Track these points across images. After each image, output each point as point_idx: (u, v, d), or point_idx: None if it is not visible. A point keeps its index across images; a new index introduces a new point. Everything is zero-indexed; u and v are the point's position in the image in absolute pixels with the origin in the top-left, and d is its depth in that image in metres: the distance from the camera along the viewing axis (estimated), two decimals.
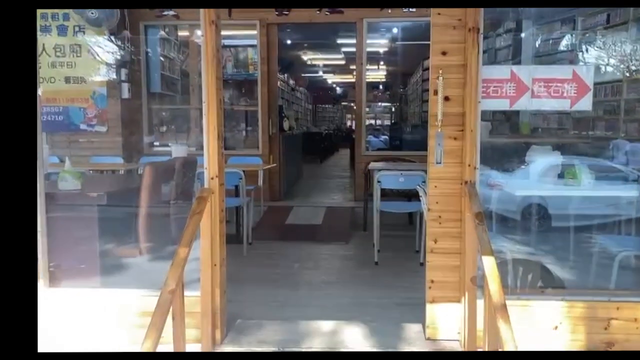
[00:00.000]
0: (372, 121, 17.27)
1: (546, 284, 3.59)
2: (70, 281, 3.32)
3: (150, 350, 2.21)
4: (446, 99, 2.99)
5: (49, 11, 5.40)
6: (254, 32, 7.07)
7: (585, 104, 3.07)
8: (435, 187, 3.07)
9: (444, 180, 3.06)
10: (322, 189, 9.41)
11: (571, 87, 3.04)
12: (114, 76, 5.95)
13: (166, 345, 2.58)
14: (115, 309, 3.14)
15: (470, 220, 2.88)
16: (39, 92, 3.10)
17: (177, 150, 4.72)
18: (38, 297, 2.08)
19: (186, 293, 2.82)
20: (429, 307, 3.14)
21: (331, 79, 19.63)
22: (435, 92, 2.99)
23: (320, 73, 17.34)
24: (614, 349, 3.01)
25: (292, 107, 15.30)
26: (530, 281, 3.54)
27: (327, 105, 24.90)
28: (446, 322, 3.13)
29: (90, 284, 3.36)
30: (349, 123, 25.08)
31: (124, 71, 5.87)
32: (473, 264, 2.95)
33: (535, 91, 3.03)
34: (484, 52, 2.99)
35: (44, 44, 5.32)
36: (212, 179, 3.01)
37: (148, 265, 3.68)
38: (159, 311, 2.34)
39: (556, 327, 3.01)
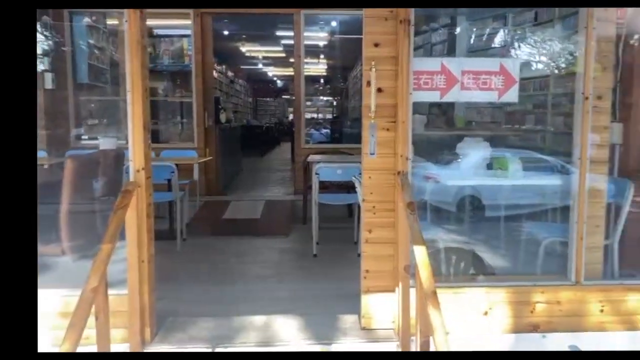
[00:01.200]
0: (315, 115, 17.26)
1: (478, 271, 3.70)
2: None
3: (70, 351, 2.08)
4: (379, 90, 3.01)
5: None
6: (189, 21, 6.85)
7: (512, 96, 3.17)
8: (370, 178, 3.08)
9: (378, 171, 3.07)
10: (262, 182, 9.31)
11: (498, 79, 3.13)
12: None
13: (92, 347, 2.46)
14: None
15: (403, 210, 2.91)
16: None
17: (106, 143, 4.49)
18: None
19: (115, 292, 2.70)
20: (364, 297, 3.16)
21: (272, 71, 19.45)
22: (369, 84, 3.00)
23: (260, 65, 17.14)
24: (539, 331, 3.14)
25: (231, 100, 15.05)
26: (463, 269, 3.64)
27: (268, 99, 24.65)
28: (381, 311, 3.16)
29: None
30: (291, 117, 24.95)
31: (46, 60, 5.52)
32: (406, 253, 2.99)
33: (464, 83, 3.10)
34: (420, 47, 3.04)
35: None
36: (138, 171, 2.88)
37: (72, 264, 3.48)
38: (78, 310, 2.21)
39: (486, 313, 3.11)
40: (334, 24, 9.50)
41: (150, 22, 7.07)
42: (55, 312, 2.88)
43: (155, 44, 7.29)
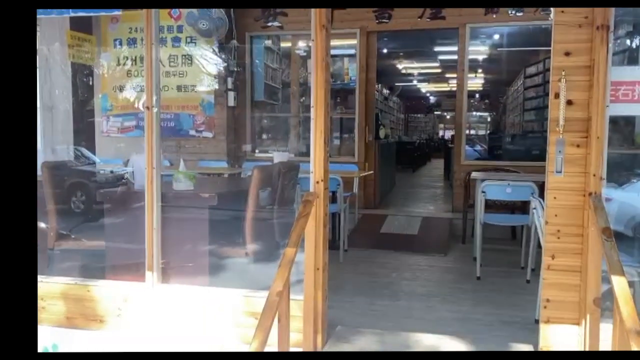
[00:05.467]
0: (467, 131, 16.69)
1: None
2: (179, 278, 3.47)
3: (258, 350, 2.23)
4: (569, 102, 2.78)
5: (165, 24, 5.79)
6: (353, 41, 7.08)
7: None
8: (555, 198, 2.85)
9: (564, 191, 2.83)
10: (416, 198, 9.21)
11: None
12: (221, 85, 6.24)
13: (268, 347, 2.61)
14: (219, 307, 3.22)
15: (594, 236, 2.65)
16: (154, 99, 3.30)
17: (279, 156, 4.81)
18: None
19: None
20: (543, 328, 2.91)
21: (425, 87, 19.27)
22: (557, 95, 2.79)
23: (414, 82, 17.09)
24: None
25: (385, 116, 15.19)
26: None
27: (418, 115, 24.51)
28: (562, 345, 2.88)
29: (198, 282, 3.48)
30: (441, 133, 24.49)
31: (230, 80, 6.13)
32: (596, 284, 2.70)
33: None
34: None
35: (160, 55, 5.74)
36: (317, 182, 3.02)
37: (251, 266, 3.75)
38: (266, 313, 2.36)
39: None
40: (496, 36, 9.12)
41: None
42: (240, 310, 3.12)
43: None
